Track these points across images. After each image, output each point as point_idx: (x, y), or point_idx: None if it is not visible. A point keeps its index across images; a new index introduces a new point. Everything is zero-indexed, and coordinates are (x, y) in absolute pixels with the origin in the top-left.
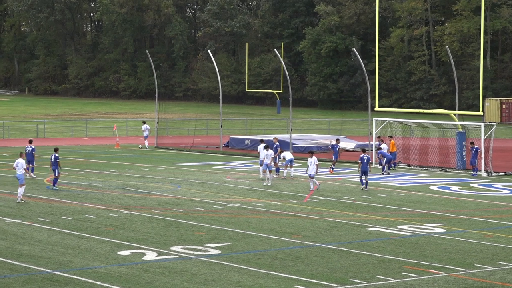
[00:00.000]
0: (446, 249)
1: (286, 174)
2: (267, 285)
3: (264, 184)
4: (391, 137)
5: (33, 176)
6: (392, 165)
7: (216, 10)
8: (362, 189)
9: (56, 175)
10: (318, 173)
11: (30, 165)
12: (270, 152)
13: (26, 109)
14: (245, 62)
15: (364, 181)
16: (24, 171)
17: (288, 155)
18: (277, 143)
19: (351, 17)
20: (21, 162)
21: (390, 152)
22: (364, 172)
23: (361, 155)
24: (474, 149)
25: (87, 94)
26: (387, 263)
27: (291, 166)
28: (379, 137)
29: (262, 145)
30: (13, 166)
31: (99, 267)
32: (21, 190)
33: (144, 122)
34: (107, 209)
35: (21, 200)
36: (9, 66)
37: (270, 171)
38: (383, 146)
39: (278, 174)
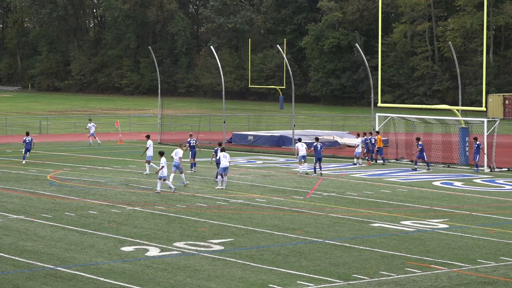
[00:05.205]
0: (449, 245)
1: (302, 170)
2: (270, 281)
3: (184, 183)
4: (377, 132)
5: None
6: (375, 160)
7: (219, 6)
8: (308, 174)
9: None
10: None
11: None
12: (180, 152)
13: (29, 105)
14: (247, 58)
15: (317, 168)
16: (179, 160)
17: (301, 150)
18: (190, 139)
19: (354, 13)
20: (179, 152)
21: (378, 147)
22: (319, 160)
23: (314, 144)
24: (476, 145)
25: (90, 90)
26: (390, 259)
27: (305, 162)
28: (358, 133)
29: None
30: (171, 155)
31: (102, 263)
32: (171, 177)
33: (90, 120)
34: (110, 205)
35: (186, 183)
36: (12, 62)
37: (181, 172)
38: (358, 140)
39: (192, 170)
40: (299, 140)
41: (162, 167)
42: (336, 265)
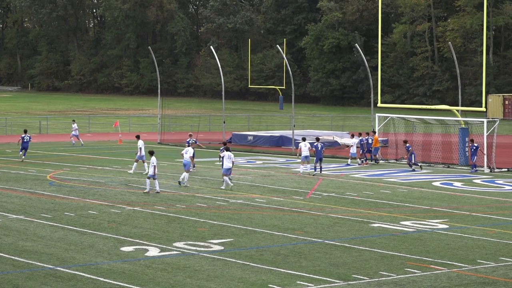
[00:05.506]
0: (449, 245)
1: (303, 171)
2: (270, 281)
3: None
4: (374, 132)
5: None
6: (375, 161)
7: (219, 6)
8: (313, 174)
9: None
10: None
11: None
12: (190, 150)
13: (28, 105)
14: (247, 58)
15: (318, 167)
16: (190, 159)
17: (304, 151)
18: (189, 139)
19: (353, 13)
20: (190, 150)
21: (373, 147)
22: (319, 160)
23: (315, 144)
24: (475, 147)
25: (90, 90)
26: (390, 259)
27: (307, 163)
28: (353, 134)
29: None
30: (182, 152)
31: (102, 263)
32: (184, 175)
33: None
34: (110, 205)
35: (186, 185)
36: (12, 62)
37: (188, 171)
38: (352, 141)
39: (193, 169)
40: (303, 139)
41: (154, 166)
42: (335, 265)
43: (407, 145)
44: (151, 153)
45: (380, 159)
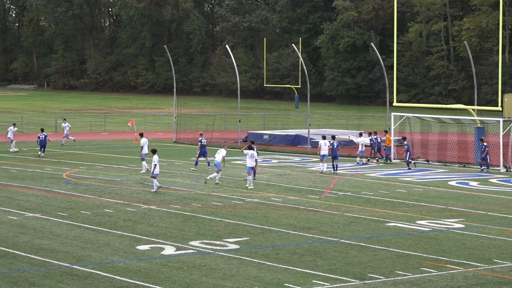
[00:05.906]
0: (465, 245)
1: (321, 169)
2: (286, 280)
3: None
4: (386, 131)
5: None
6: (389, 160)
7: (234, 5)
8: (333, 172)
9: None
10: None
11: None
12: (223, 152)
13: (45, 104)
14: (263, 57)
15: (335, 165)
16: (222, 159)
17: (323, 149)
18: (201, 138)
19: (369, 12)
20: (222, 151)
21: (386, 146)
22: (334, 157)
23: (330, 141)
24: (484, 146)
25: (106, 88)
26: (406, 259)
27: (325, 161)
28: (361, 132)
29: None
30: (216, 154)
31: (117, 261)
32: (213, 176)
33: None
34: (126, 203)
35: (218, 182)
36: (28, 61)
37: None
38: (360, 139)
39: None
40: (324, 137)
41: (155, 165)
42: (351, 264)
43: (405, 142)
44: (154, 151)
45: (394, 159)
